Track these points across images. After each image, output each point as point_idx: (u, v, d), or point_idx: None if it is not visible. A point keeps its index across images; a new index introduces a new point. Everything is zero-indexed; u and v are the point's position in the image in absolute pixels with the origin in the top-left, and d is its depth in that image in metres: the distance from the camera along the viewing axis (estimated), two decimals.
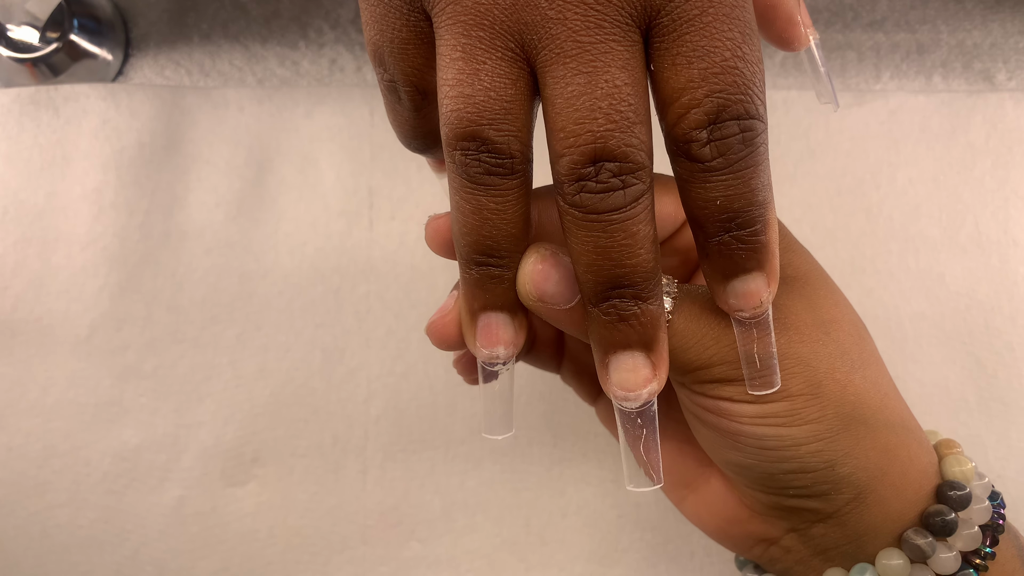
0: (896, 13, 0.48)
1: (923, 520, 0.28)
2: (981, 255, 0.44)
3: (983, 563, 0.28)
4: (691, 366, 0.26)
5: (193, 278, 0.44)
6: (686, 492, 0.32)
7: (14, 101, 0.45)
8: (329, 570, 0.41)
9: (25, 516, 0.41)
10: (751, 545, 0.31)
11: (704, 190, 0.23)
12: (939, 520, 0.27)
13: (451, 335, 0.28)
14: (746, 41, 0.22)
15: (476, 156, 0.24)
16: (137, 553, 0.41)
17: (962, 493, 0.28)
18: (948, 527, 0.27)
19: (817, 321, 0.27)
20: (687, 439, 0.32)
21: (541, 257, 0.25)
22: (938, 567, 0.27)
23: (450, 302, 0.28)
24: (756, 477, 0.28)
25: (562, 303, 0.26)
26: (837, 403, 0.27)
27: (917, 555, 0.27)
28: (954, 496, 0.28)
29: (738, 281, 0.25)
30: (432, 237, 0.28)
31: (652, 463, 0.26)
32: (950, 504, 0.28)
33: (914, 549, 0.27)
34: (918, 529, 0.28)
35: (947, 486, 0.28)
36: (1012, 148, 0.45)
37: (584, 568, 0.41)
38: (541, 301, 0.25)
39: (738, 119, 0.22)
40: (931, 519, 0.27)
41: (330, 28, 0.49)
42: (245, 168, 0.45)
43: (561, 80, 0.22)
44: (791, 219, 0.44)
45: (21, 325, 0.43)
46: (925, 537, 0.27)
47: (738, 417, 0.27)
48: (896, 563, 0.27)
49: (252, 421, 0.42)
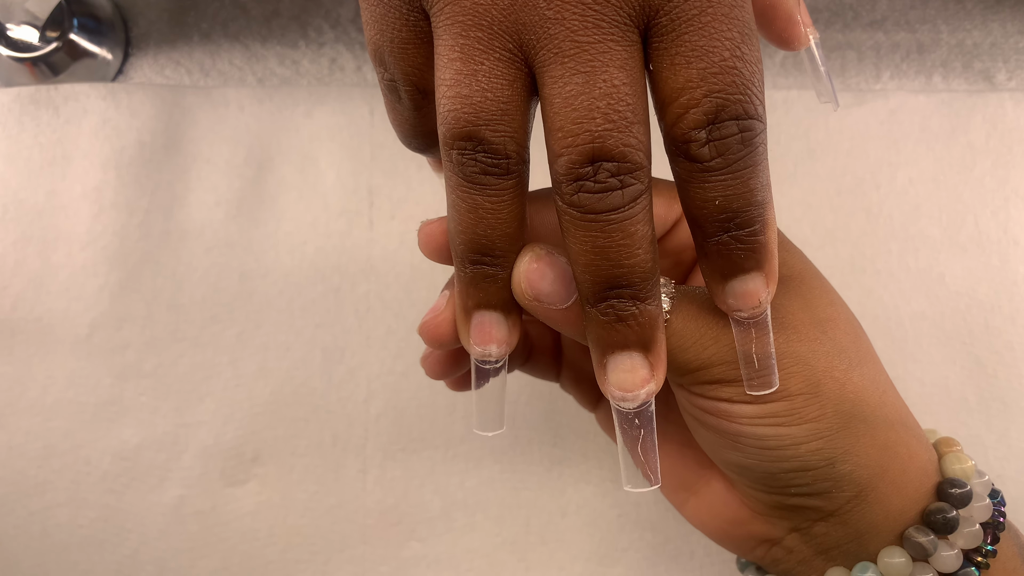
0: (896, 13, 0.48)
1: (924, 518, 0.28)
2: (981, 255, 0.44)
3: (985, 561, 0.28)
4: (689, 367, 0.26)
5: (193, 277, 0.44)
6: (687, 495, 0.32)
7: (14, 100, 0.45)
8: (329, 570, 0.41)
9: (25, 516, 0.41)
10: (753, 546, 0.31)
11: (703, 190, 0.23)
12: (940, 517, 0.27)
13: (443, 335, 0.28)
14: (745, 41, 0.22)
15: (472, 156, 0.24)
16: (137, 553, 0.41)
17: (963, 491, 0.28)
18: (950, 524, 0.27)
19: (814, 320, 0.27)
20: (686, 442, 0.32)
21: (536, 256, 0.25)
22: (940, 565, 0.27)
23: (442, 302, 0.28)
24: (757, 477, 0.28)
25: (558, 303, 0.26)
26: (836, 401, 0.27)
27: (919, 553, 0.27)
28: (955, 493, 0.28)
29: (737, 281, 0.25)
30: (425, 242, 0.28)
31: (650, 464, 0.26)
32: (951, 501, 0.28)
33: (916, 547, 0.27)
34: (919, 527, 0.28)
35: (948, 483, 0.28)
36: (1012, 148, 0.45)
37: (584, 568, 0.41)
38: (537, 300, 0.25)
39: (737, 119, 0.22)
40: (932, 516, 0.27)
41: (330, 27, 0.49)
42: (245, 167, 0.45)
43: (559, 80, 0.22)
44: (791, 219, 0.44)
45: (21, 324, 0.43)
46: (927, 535, 0.27)
47: (737, 418, 0.27)
48: (898, 561, 0.27)
49: (252, 421, 0.42)
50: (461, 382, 0.33)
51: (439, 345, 0.28)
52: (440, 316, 0.28)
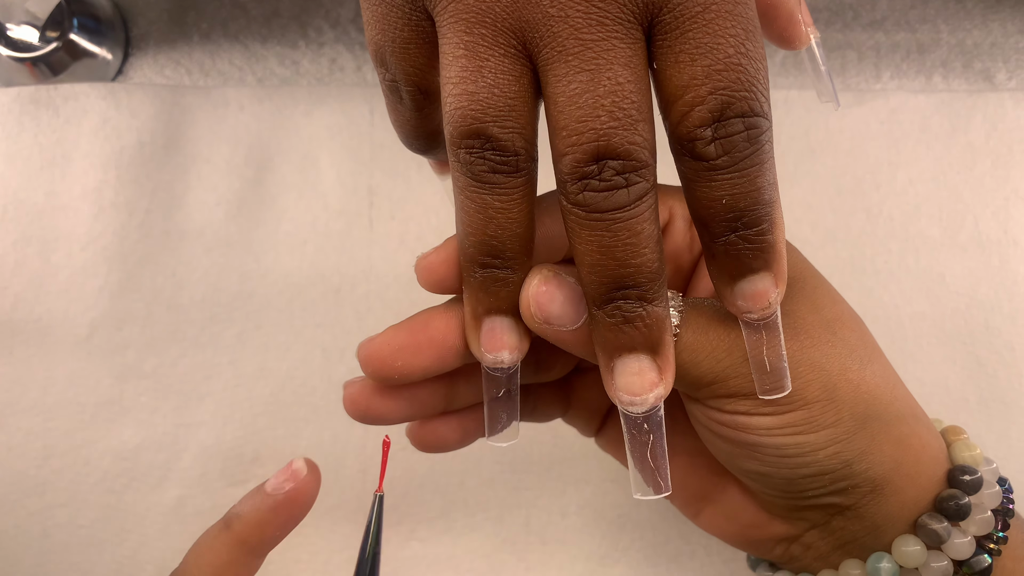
0: (896, 13, 0.48)
1: (937, 505, 0.28)
2: (981, 255, 0.44)
3: (996, 548, 0.28)
4: (703, 380, 0.26)
5: (193, 277, 0.44)
6: (702, 504, 0.32)
7: (14, 101, 0.45)
8: (329, 570, 0.41)
9: (25, 516, 0.41)
10: (772, 546, 0.31)
11: (709, 189, 0.23)
12: (953, 504, 0.27)
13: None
14: (749, 38, 0.22)
15: (481, 154, 0.23)
16: (137, 553, 0.41)
17: (974, 477, 0.28)
18: (962, 511, 0.27)
19: (823, 321, 0.27)
20: (698, 451, 0.31)
21: (544, 279, 0.25)
22: (953, 552, 0.28)
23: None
24: (776, 484, 0.28)
25: (568, 324, 0.25)
26: (852, 403, 0.27)
27: (933, 540, 0.27)
28: (966, 480, 0.28)
29: (745, 282, 0.24)
30: (425, 276, 0.27)
31: (660, 470, 0.25)
32: (963, 488, 0.28)
33: (930, 534, 0.27)
34: (932, 514, 0.28)
35: (959, 470, 0.28)
36: (1012, 148, 0.45)
37: (584, 568, 0.41)
38: (547, 323, 0.25)
39: (743, 116, 0.22)
40: (945, 503, 0.28)
41: (330, 27, 0.49)
42: (245, 167, 0.45)
43: (563, 78, 0.22)
44: (791, 219, 0.44)
45: (21, 325, 0.43)
46: (940, 522, 0.27)
47: (756, 430, 0.26)
48: (913, 549, 0.27)
49: (252, 421, 0.42)
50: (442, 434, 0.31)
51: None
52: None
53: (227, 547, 0.27)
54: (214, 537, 0.28)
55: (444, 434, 0.31)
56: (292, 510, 0.27)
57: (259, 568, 0.28)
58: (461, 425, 0.31)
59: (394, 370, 0.27)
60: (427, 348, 0.27)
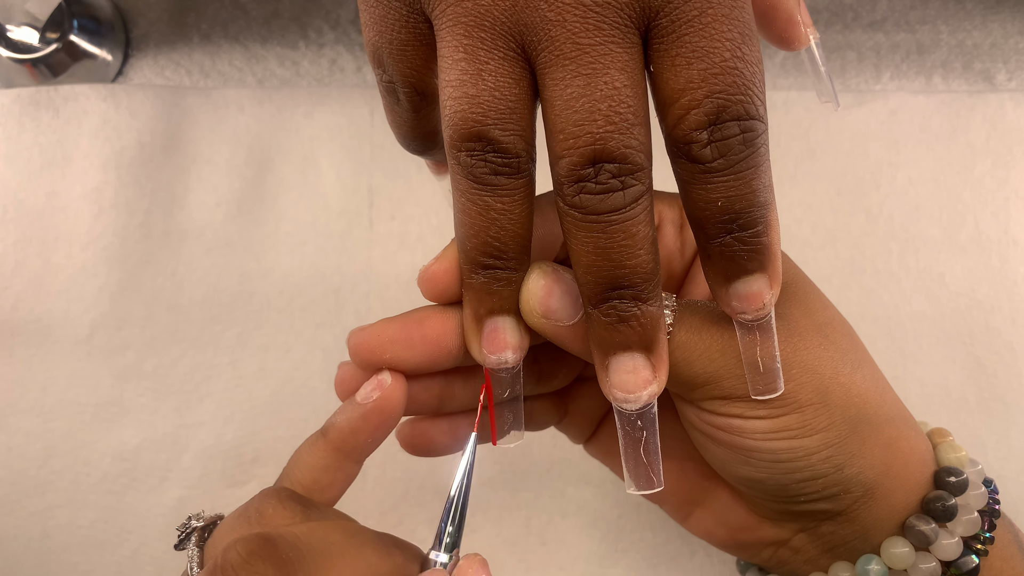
0: (896, 13, 0.48)
1: (924, 506, 0.28)
2: (981, 255, 0.44)
3: (983, 548, 0.28)
4: (697, 380, 0.26)
5: (193, 278, 0.44)
6: (692, 508, 0.32)
7: (14, 101, 0.45)
8: None
9: (25, 516, 0.41)
10: (760, 549, 0.31)
11: (705, 191, 0.23)
12: (940, 505, 0.28)
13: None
14: (745, 41, 0.22)
15: (482, 156, 0.23)
16: (137, 553, 0.41)
17: (960, 479, 0.28)
18: (949, 512, 0.28)
19: (815, 325, 0.27)
20: (689, 456, 0.31)
21: (543, 273, 0.25)
22: (941, 553, 0.28)
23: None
24: (768, 489, 0.28)
25: (566, 319, 0.26)
26: (843, 407, 0.27)
27: (921, 541, 0.28)
28: (952, 482, 0.28)
29: (740, 283, 0.24)
30: (428, 288, 0.27)
31: (652, 465, 0.26)
32: (949, 490, 0.28)
33: (918, 535, 0.27)
34: (920, 515, 0.28)
35: (945, 472, 0.28)
36: (1012, 148, 0.45)
37: (584, 568, 0.41)
38: (545, 317, 0.25)
39: (738, 120, 0.22)
40: (932, 504, 0.28)
41: (330, 28, 0.49)
42: (245, 168, 0.45)
43: (560, 82, 0.22)
44: (791, 219, 0.44)
45: (21, 325, 0.43)
46: (928, 523, 0.28)
47: (750, 434, 0.27)
48: (901, 551, 0.28)
49: (252, 421, 0.42)
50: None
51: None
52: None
53: (324, 452, 0.29)
54: (312, 443, 0.29)
55: (434, 437, 0.31)
56: (381, 417, 0.28)
57: (357, 474, 0.30)
58: (452, 429, 0.31)
59: (382, 361, 0.27)
60: (419, 344, 0.27)
